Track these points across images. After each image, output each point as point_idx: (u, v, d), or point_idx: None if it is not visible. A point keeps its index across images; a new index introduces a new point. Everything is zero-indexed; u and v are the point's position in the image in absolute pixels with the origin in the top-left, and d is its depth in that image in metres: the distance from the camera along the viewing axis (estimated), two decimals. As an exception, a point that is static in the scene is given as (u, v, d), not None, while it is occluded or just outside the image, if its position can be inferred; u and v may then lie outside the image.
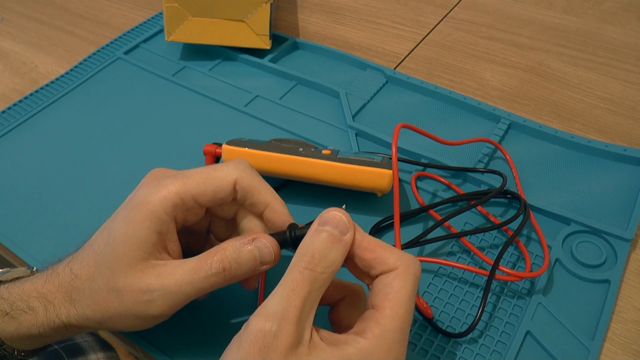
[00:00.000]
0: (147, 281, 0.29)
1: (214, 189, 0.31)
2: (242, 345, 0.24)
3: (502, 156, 0.47)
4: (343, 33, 0.63)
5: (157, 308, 0.29)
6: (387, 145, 0.48)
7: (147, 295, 0.29)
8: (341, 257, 0.27)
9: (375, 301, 0.27)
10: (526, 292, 0.38)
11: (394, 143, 0.39)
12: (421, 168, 0.46)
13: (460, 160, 0.47)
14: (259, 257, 0.29)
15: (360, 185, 0.41)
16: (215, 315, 0.37)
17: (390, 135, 0.49)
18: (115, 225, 0.30)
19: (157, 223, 0.29)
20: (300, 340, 0.25)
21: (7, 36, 0.65)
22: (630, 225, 0.41)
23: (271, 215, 0.32)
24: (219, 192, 0.31)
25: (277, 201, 0.32)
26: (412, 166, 0.47)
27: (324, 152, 0.41)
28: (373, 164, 0.40)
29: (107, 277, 0.29)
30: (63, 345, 0.44)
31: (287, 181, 0.45)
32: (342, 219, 0.27)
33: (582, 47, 0.60)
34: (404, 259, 0.27)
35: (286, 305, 0.25)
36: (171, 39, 0.57)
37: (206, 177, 0.31)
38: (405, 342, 0.26)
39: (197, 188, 0.30)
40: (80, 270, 0.30)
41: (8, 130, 0.51)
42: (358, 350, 0.25)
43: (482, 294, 0.36)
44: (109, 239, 0.30)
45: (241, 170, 0.31)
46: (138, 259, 0.29)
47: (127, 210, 0.30)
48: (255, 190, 0.31)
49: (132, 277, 0.29)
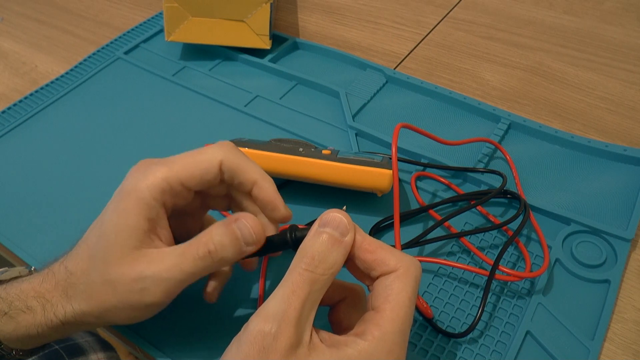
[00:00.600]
0: (138, 269, 0.29)
1: (201, 172, 0.31)
2: (241, 347, 0.24)
3: (502, 156, 0.47)
4: (343, 33, 0.63)
5: (150, 296, 0.29)
6: (387, 145, 0.48)
7: (140, 284, 0.29)
8: (342, 258, 0.27)
9: (376, 303, 0.27)
10: (526, 292, 0.38)
11: (394, 143, 0.39)
12: (421, 168, 0.46)
13: (460, 160, 0.47)
14: (241, 237, 0.29)
15: (360, 185, 0.41)
16: (215, 316, 0.37)
17: (390, 135, 0.49)
18: (106, 217, 0.30)
19: (146, 210, 0.30)
20: (300, 342, 0.25)
21: (7, 36, 0.65)
22: (630, 225, 0.41)
23: (258, 192, 0.32)
24: (206, 175, 0.31)
25: (264, 179, 0.32)
26: (412, 166, 0.47)
27: (324, 152, 0.41)
28: (373, 164, 0.40)
29: (101, 269, 0.29)
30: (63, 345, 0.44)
31: (287, 181, 0.45)
32: (343, 220, 0.27)
33: (582, 47, 0.60)
34: (405, 260, 0.27)
35: (286, 307, 0.25)
36: (171, 39, 0.57)
37: (192, 160, 0.31)
38: (405, 344, 0.26)
39: (183, 172, 0.31)
40: (75, 266, 0.30)
41: (8, 130, 0.51)
42: (358, 352, 0.25)
43: (482, 294, 0.36)
44: (101, 232, 0.30)
45: (226, 151, 0.31)
46: (130, 248, 0.29)
47: (117, 201, 0.30)
48: (241, 169, 0.32)
49: (125, 266, 0.29)
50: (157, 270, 0.29)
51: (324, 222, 0.27)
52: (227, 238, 0.29)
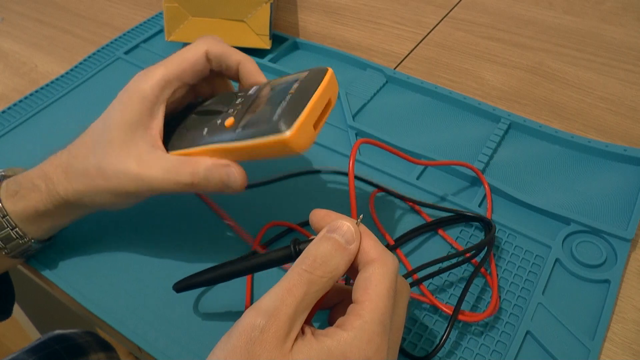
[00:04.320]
0: (128, 165, 0.33)
1: (192, 64, 0.36)
2: (231, 338, 0.25)
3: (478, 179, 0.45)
4: (343, 33, 0.63)
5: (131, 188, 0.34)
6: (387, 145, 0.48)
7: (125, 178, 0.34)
8: (344, 265, 0.27)
9: (356, 295, 0.27)
10: (526, 292, 0.38)
11: (352, 159, 0.33)
12: None
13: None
14: (227, 180, 0.33)
15: (271, 157, 0.33)
16: (215, 316, 0.37)
17: (390, 135, 0.49)
18: (112, 113, 0.35)
19: (149, 106, 0.34)
20: (287, 338, 0.25)
21: (7, 36, 0.65)
22: (630, 225, 0.41)
23: (243, 69, 0.37)
24: (196, 65, 0.36)
25: (246, 58, 0.37)
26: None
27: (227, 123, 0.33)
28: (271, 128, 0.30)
29: (99, 156, 0.34)
30: (63, 345, 0.44)
31: (287, 175, 0.45)
32: (350, 228, 0.28)
33: (582, 47, 0.60)
34: (383, 253, 0.28)
35: (279, 304, 0.25)
36: (171, 39, 0.57)
37: (182, 57, 0.36)
38: (386, 335, 0.26)
39: (177, 68, 0.35)
40: (77, 150, 0.35)
41: (8, 130, 0.51)
42: (337, 342, 0.25)
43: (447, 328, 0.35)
44: (106, 125, 0.34)
45: (209, 42, 0.36)
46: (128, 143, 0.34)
47: (122, 100, 0.35)
48: (225, 54, 0.36)
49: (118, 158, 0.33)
50: (142, 173, 0.33)
51: (331, 228, 0.28)
52: (215, 176, 0.33)
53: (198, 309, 0.37)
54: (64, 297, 0.40)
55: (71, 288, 0.39)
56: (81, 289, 0.39)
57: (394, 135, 0.49)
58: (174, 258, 0.40)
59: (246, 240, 0.41)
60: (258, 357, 0.24)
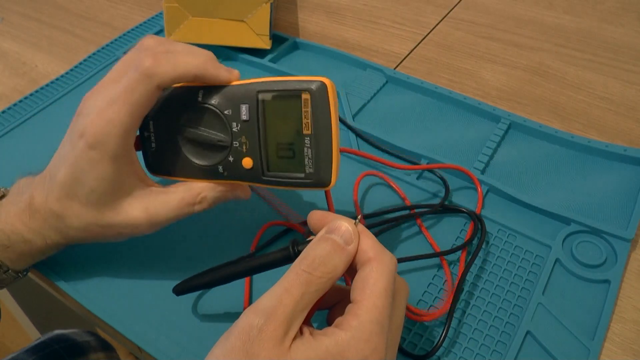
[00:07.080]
0: (134, 215, 0.33)
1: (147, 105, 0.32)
2: (229, 338, 0.25)
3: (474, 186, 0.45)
4: (343, 33, 0.63)
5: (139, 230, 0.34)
6: (388, 145, 0.48)
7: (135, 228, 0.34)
8: (343, 265, 0.27)
9: (353, 295, 0.27)
10: (526, 292, 0.38)
11: None
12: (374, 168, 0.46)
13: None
14: (236, 199, 0.35)
15: None
16: (214, 316, 0.37)
17: (390, 135, 0.49)
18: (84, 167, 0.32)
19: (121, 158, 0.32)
20: (285, 337, 0.25)
21: (7, 36, 0.65)
22: (630, 225, 0.41)
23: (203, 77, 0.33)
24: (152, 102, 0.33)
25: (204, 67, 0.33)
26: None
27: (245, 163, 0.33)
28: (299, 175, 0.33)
29: (97, 216, 0.33)
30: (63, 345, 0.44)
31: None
32: (349, 229, 0.28)
33: (582, 47, 0.60)
34: (381, 253, 0.28)
35: (277, 304, 0.25)
36: (171, 38, 0.57)
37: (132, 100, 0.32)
38: (383, 334, 0.26)
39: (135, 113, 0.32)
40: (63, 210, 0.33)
41: (8, 130, 0.51)
42: (335, 342, 0.25)
43: None
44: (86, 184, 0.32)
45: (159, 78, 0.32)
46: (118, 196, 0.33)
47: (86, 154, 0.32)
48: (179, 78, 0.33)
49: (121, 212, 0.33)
50: (152, 218, 0.34)
51: (330, 229, 0.28)
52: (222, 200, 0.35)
53: (198, 309, 0.37)
54: (64, 297, 0.40)
55: (72, 288, 0.39)
56: (82, 289, 0.39)
57: (394, 135, 0.49)
58: (174, 258, 0.40)
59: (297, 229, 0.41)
60: (256, 356, 0.24)
